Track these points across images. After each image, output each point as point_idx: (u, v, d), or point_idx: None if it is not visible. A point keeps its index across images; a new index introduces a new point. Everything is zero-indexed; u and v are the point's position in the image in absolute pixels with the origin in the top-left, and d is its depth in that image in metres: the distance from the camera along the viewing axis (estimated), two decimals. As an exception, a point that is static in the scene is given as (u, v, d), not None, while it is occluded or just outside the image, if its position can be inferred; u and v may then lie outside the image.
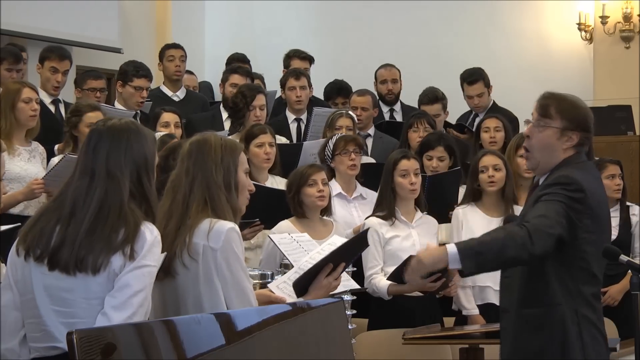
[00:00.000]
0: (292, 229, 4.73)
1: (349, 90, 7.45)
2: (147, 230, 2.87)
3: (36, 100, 5.36)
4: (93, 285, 2.81)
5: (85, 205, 2.84)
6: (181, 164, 3.30)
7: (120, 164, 2.90)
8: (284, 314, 2.79)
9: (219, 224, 3.15)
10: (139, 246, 2.83)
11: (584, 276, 3.44)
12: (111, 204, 2.85)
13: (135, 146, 2.94)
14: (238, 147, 3.37)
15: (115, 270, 2.81)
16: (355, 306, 4.23)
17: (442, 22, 9.87)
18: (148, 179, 2.96)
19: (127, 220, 2.83)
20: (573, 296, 3.43)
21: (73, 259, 2.80)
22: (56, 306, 2.83)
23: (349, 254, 3.64)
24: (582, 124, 3.54)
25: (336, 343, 2.94)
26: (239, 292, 3.16)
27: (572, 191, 3.38)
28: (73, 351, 2.31)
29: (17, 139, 5.29)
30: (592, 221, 3.42)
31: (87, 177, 2.89)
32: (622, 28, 9.10)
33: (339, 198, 5.42)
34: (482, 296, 5.10)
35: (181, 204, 3.22)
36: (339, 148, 5.46)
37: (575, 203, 3.38)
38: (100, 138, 2.93)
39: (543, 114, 3.55)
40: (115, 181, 2.87)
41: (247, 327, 2.64)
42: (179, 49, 7.43)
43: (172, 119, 5.83)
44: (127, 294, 2.80)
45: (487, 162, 5.15)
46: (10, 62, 6.14)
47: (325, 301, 3.10)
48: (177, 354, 2.45)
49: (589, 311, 3.45)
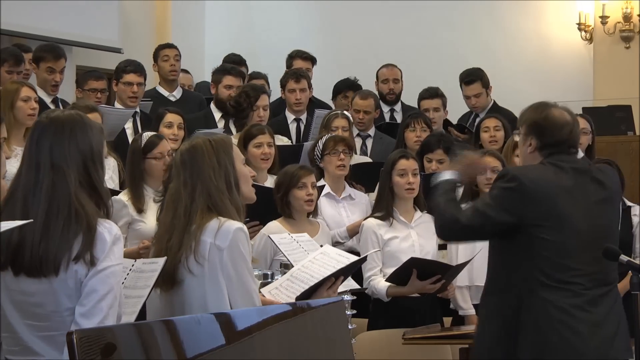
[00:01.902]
0: (282, 229, 4.74)
1: (360, 87, 7.48)
2: (105, 230, 2.83)
3: (35, 99, 5.33)
4: (61, 297, 2.79)
5: (35, 202, 2.81)
6: (177, 177, 3.26)
7: (65, 155, 2.85)
8: (284, 314, 2.79)
9: (227, 223, 3.15)
10: (98, 250, 2.79)
11: (546, 263, 3.53)
12: (60, 197, 2.81)
13: (80, 137, 2.88)
14: (227, 140, 3.34)
15: (81, 278, 2.79)
16: (355, 306, 4.22)
17: (443, 22, 9.87)
18: (95, 169, 2.90)
19: (79, 217, 2.79)
20: (530, 280, 3.55)
21: (34, 260, 2.77)
22: (29, 320, 2.81)
23: (350, 270, 3.71)
24: (536, 129, 3.71)
25: (336, 343, 2.94)
26: (244, 292, 3.15)
27: (505, 182, 3.62)
28: (73, 351, 2.30)
29: (16, 139, 5.23)
30: (538, 208, 3.54)
31: (33, 171, 2.85)
32: (622, 28, 9.11)
33: (327, 198, 5.43)
34: (479, 296, 5.08)
35: (183, 216, 3.19)
36: (328, 148, 5.46)
37: (508, 192, 3.58)
38: (43, 130, 2.89)
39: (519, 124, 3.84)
40: (61, 173, 2.83)
41: (247, 327, 2.63)
42: (172, 48, 7.42)
43: (176, 120, 5.82)
44: (95, 299, 2.78)
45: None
46: (10, 64, 6.12)
47: (325, 301, 3.12)
48: (177, 354, 2.45)
49: (554, 295, 3.51)
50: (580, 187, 3.64)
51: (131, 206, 4.87)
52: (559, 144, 3.69)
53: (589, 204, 3.63)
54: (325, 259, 3.67)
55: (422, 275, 4.80)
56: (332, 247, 3.95)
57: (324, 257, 3.70)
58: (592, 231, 3.59)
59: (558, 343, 3.52)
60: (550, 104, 3.77)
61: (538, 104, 3.78)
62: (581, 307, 3.54)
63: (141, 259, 3.30)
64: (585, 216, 3.61)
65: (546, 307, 3.53)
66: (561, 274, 3.55)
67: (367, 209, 5.47)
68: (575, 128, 3.74)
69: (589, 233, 3.59)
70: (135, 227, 4.83)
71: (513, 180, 3.60)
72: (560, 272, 3.55)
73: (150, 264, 3.22)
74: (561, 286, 3.54)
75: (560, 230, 3.56)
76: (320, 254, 3.73)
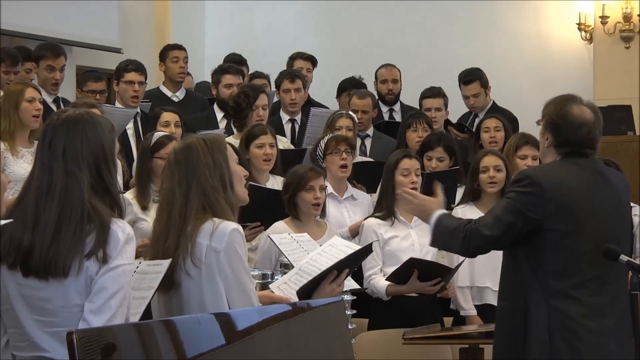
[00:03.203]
0: (287, 230, 4.73)
1: (365, 86, 7.49)
2: (119, 229, 2.83)
3: (39, 100, 5.32)
4: (71, 293, 2.78)
5: (47, 206, 2.80)
6: (171, 177, 3.22)
7: (78, 158, 2.84)
8: (284, 314, 2.79)
9: (222, 224, 3.12)
10: (110, 248, 2.79)
11: (559, 266, 3.50)
12: (72, 202, 2.80)
13: (92, 137, 2.87)
14: (221, 140, 3.32)
15: (92, 275, 2.78)
16: (355, 306, 4.22)
17: (443, 22, 9.87)
18: (108, 170, 2.90)
19: (91, 218, 2.79)
20: (542, 287, 3.51)
21: (43, 263, 2.76)
22: (37, 316, 2.81)
23: (353, 261, 3.65)
24: (553, 126, 3.64)
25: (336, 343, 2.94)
26: (241, 293, 3.13)
27: (522, 186, 3.54)
28: (73, 351, 2.31)
29: (21, 140, 5.21)
30: (557, 212, 3.49)
31: (46, 176, 2.85)
32: (622, 28, 9.10)
33: (330, 198, 5.40)
34: (481, 297, 5.09)
35: (178, 217, 3.16)
36: (330, 148, 5.44)
37: (527, 196, 3.52)
38: (55, 132, 2.88)
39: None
40: (74, 176, 2.82)
41: (247, 327, 2.63)
42: (182, 50, 7.38)
43: (172, 119, 5.82)
44: (104, 296, 2.78)
45: (488, 163, 5.14)
46: (8, 64, 6.11)
47: (325, 301, 3.10)
48: (177, 354, 2.45)
49: (564, 303, 3.48)
50: (597, 191, 3.59)
51: (136, 204, 4.91)
52: (575, 144, 3.62)
53: (605, 209, 3.58)
54: (334, 251, 3.63)
55: (421, 276, 4.81)
56: (340, 238, 3.89)
57: (332, 249, 3.66)
58: (609, 238, 3.52)
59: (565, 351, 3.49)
60: (573, 100, 3.66)
61: (561, 98, 3.68)
62: (589, 315, 3.50)
63: (145, 261, 3.30)
64: (601, 222, 3.56)
65: (555, 314, 3.49)
66: (572, 280, 3.51)
67: (369, 209, 5.46)
68: (594, 128, 3.62)
69: (605, 238, 3.52)
70: (139, 226, 4.84)
71: (533, 184, 3.53)
72: (572, 278, 3.51)
73: (154, 265, 3.21)
74: (571, 293, 3.49)
75: (576, 235, 3.51)
76: (329, 246, 3.68)
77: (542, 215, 3.50)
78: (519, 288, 3.57)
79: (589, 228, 3.54)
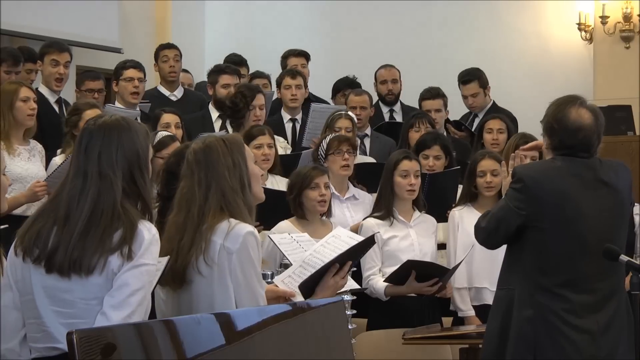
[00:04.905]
0: (292, 229, 4.74)
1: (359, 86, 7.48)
2: (145, 229, 2.85)
3: (34, 99, 5.35)
4: (91, 286, 2.80)
5: (79, 207, 2.84)
6: (191, 176, 3.24)
7: (112, 163, 2.88)
8: (284, 314, 2.79)
9: (239, 225, 3.13)
10: (136, 245, 2.82)
11: (544, 263, 3.54)
12: (104, 205, 2.84)
13: (127, 143, 2.91)
14: (239, 139, 3.34)
15: (114, 270, 2.80)
16: (355, 306, 4.22)
17: (442, 22, 9.87)
18: (142, 175, 2.93)
19: (121, 220, 2.82)
20: (529, 281, 3.57)
21: (67, 261, 2.79)
22: (56, 307, 2.83)
23: (356, 254, 3.64)
24: (549, 128, 3.68)
25: (336, 343, 2.94)
26: (250, 296, 3.14)
27: (513, 183, 3.66)
28: (73, 351, 2.31)
29: (16, 138, 5.28)
30: (540, 210, 3.55)
31: (81, 179, 2.88)
32: (622, 28, 9.10)
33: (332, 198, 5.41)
34: (479, 297, 5.09)
35: (196, 216, 3.17)
36: (332, 148, 5.44)
37: (515, 193, 3.63)
38: (92, 137, 2.91)
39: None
40: (108, 182, 2.86)
41: (247, 327, 2.63)
42: (172, 48, 7.38)
43: (173, 120, 5.82)
44: (126, 293, 2.79)
45: (485, 167, 5.12)
46: (9, 64, 6.12)
47: (325, 301, 3.10)
48: (177, 354, 2.45)
49: (549, 299, 3.52)
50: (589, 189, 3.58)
51: None
52: (568, 148, 3.63)
53: (595, 209, 3.57)
54: (337, 242, 3.61)
55: (420, 277, 4.81)
56: (343, 229, 3.88)
57: (335, 240, 3.64)
58: (597, 238, 3.53)
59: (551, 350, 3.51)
60: (574, 102, 3.64)
61: (562, 100, 3.68)
62: (577, 313, 3.52)
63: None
64: (592, 220, 3.56)
65: (542, 311, 3.53)
66: (558, 278, 3.53)
67: (370, 209, 5.45)
68: (590, 133, 3.60)
69: (594, 238, 3.53)
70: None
71: (519, 181, 3.62)
72: (557, 276, 3.54)
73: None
74: (556, 290, 3.53)
75: (562, 233, 3.54)
76: (332, 237, 3.67)
77: (527, 211, 3.57)
78: (510, 283, 3.65)
79: (575, 228, 3.55)
